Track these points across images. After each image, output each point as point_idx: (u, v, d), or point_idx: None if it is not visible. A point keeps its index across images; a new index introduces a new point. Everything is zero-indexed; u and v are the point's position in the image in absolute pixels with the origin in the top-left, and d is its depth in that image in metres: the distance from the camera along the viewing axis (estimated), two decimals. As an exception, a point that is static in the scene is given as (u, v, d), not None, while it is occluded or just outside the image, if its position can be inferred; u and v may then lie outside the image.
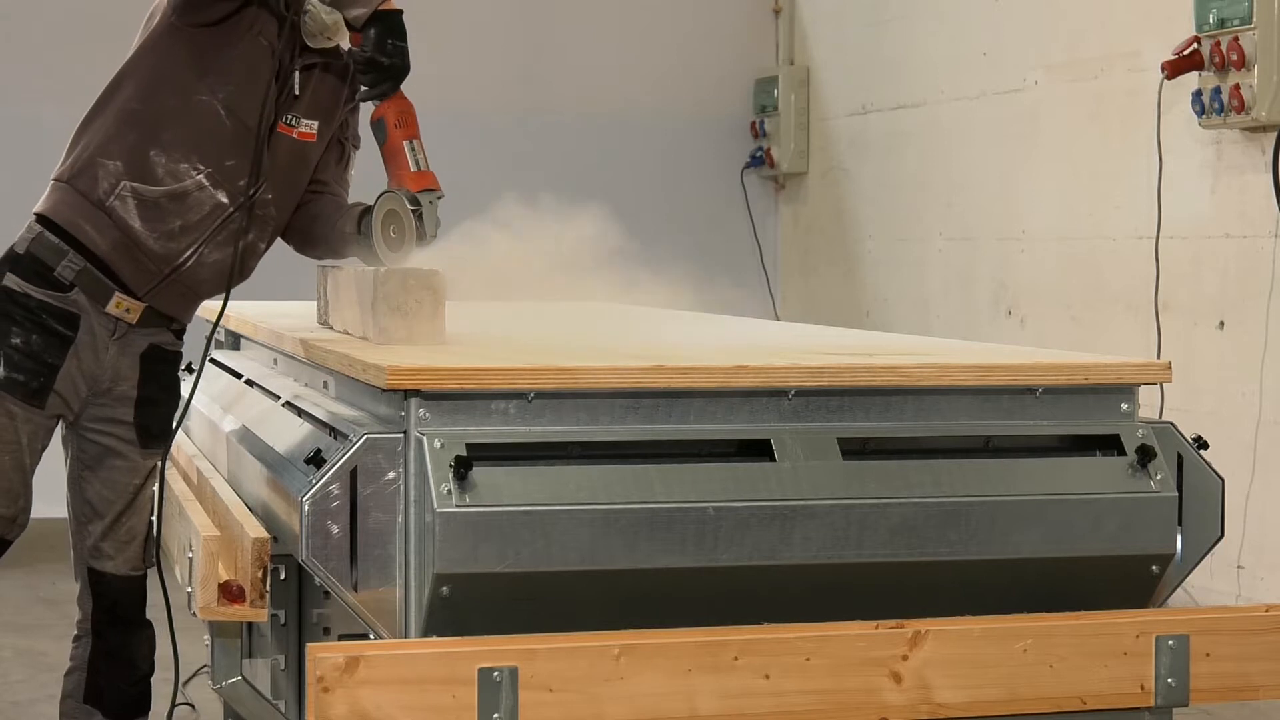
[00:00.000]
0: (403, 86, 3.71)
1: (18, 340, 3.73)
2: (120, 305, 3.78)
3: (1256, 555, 6.43)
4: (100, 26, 6.66)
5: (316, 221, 3.92)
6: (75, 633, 4.01)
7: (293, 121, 3.81)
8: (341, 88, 3.87)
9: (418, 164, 3.72)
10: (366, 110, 3.83)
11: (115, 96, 3.76)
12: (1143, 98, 6.81)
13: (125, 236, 3.73)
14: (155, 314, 3.84)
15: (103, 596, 3.94)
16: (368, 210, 3.77)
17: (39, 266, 3.75)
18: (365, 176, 4.04)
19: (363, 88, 3.73)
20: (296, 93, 3.79)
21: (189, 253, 3.75)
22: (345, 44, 3.75)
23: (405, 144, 3.72)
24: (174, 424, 3.87)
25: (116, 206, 3.72)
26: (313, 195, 3.93)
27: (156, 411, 3.88)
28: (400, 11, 3.64)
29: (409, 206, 3.65)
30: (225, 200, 3.73)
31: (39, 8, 8.82)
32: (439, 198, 3.69)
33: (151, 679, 4.02)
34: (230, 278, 3.73)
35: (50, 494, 4.09)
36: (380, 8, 3.61)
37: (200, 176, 3.71)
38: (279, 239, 3.96)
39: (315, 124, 3.84)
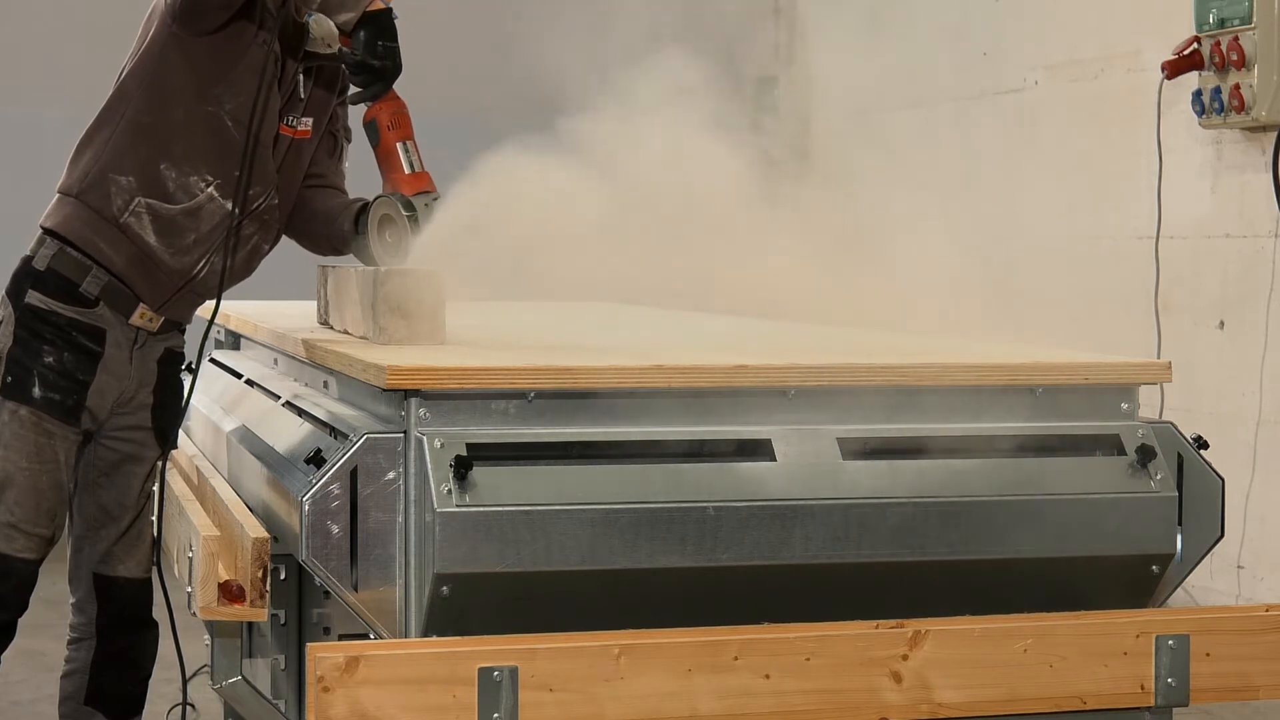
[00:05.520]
0: (396, 87, 3.69)
1: (50, 359, 3.69)
2: (143, 316, 3.76)
3: (1256, 555, 6.42)
4: (101, 27, 6.65)
5: (316, 218, 3.90)
6: (71, 635, 3.99)
7: (292, 122, 3.79)
8: (334, 83, 3.85)
9: (412, 166, 3.69)
10: (359, 108, 3.81)
11: (123, 107, 3.71)
12: (1143, 98, 6.81)
13: (141, 252, 3.70)
14: (169, 321, 3.84)
15: (112, 601, 3.92)
16: (365, 208, 3.76)
17: (63, 283, 3.71)
18: (369, 174, 4.03)
19: (354, 90, 3.71)
20: (303, 95, 3.78)
21: (201, 264, 3.73)
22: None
23: (399, 146, 3.69)
24: (179, 424, 3.88)
25: (132, 223, 3.68)
26: (310, 189, 3.90)
27: (168, 414, 3.88)
28: (389, 11, 3.60)
29: (404, 211, 3.63)
30: (236, 210, 3.70)
31: (39, 8, 8.81)
32: (435, 199, 3.66)
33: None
34: (221, 283, 3.70)
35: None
36: (369, 9, 3.59)
37: (210, 189, 3.68)
38: (284, 237, 3.94)
39: (310, 120, 3.83)
